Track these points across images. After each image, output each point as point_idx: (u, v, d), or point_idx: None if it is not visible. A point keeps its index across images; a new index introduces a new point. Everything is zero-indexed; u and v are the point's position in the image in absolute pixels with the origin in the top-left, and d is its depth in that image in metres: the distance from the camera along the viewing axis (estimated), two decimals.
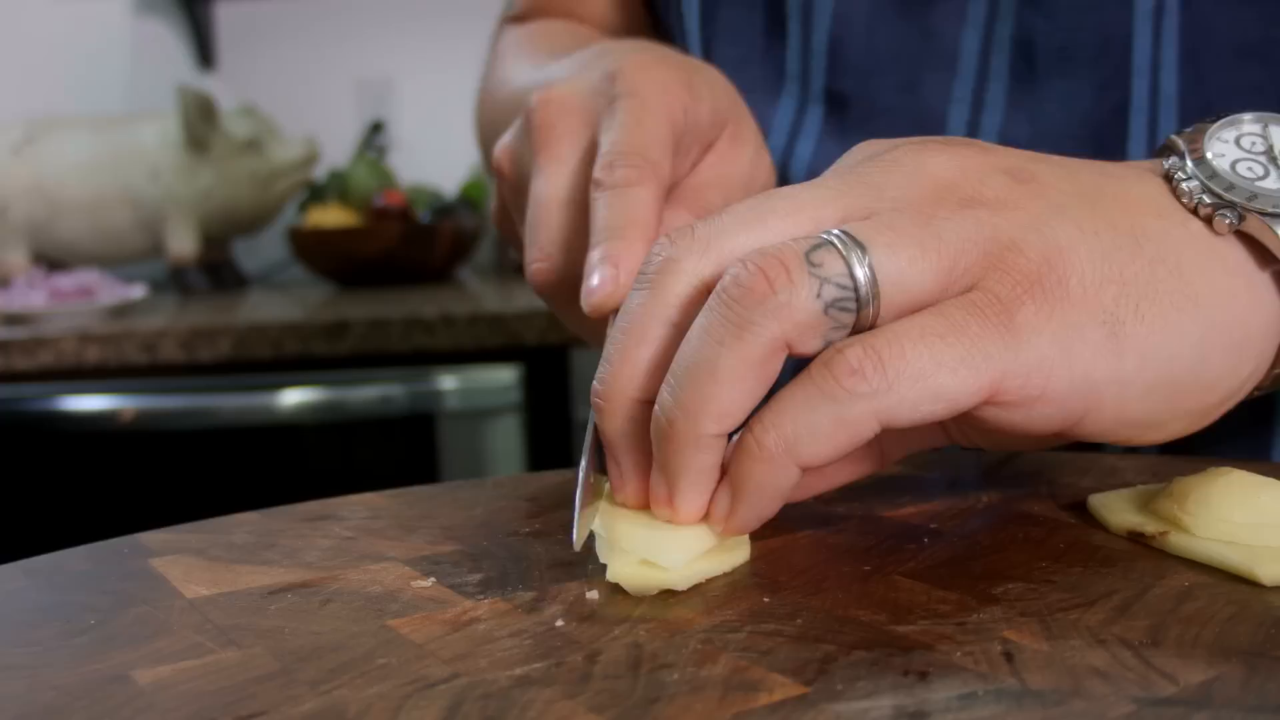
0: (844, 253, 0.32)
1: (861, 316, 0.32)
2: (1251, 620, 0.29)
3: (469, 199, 1.92)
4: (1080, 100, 0.52)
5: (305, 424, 1.48)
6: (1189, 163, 0.36)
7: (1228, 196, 0.35)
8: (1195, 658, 0.27)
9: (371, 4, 2.09)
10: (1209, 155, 0.36)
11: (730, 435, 0.34)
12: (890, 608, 0.30)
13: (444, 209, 1.87)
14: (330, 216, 1.85)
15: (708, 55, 0.62)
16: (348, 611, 0.32)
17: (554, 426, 1.52)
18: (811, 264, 0.31)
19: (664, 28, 0.68)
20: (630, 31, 0.72)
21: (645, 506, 0.35)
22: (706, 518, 0.34)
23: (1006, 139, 0.54)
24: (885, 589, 0.32)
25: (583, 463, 0.36)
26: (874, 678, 0.26)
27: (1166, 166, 0.37)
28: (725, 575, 0.34)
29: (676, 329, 0.34)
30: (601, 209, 0.41)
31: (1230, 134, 0.37)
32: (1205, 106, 0.51)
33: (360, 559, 0.36)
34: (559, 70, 0.53)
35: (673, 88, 0.45)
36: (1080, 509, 0.38)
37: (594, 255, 0.40)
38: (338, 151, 2.02)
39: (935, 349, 0.31)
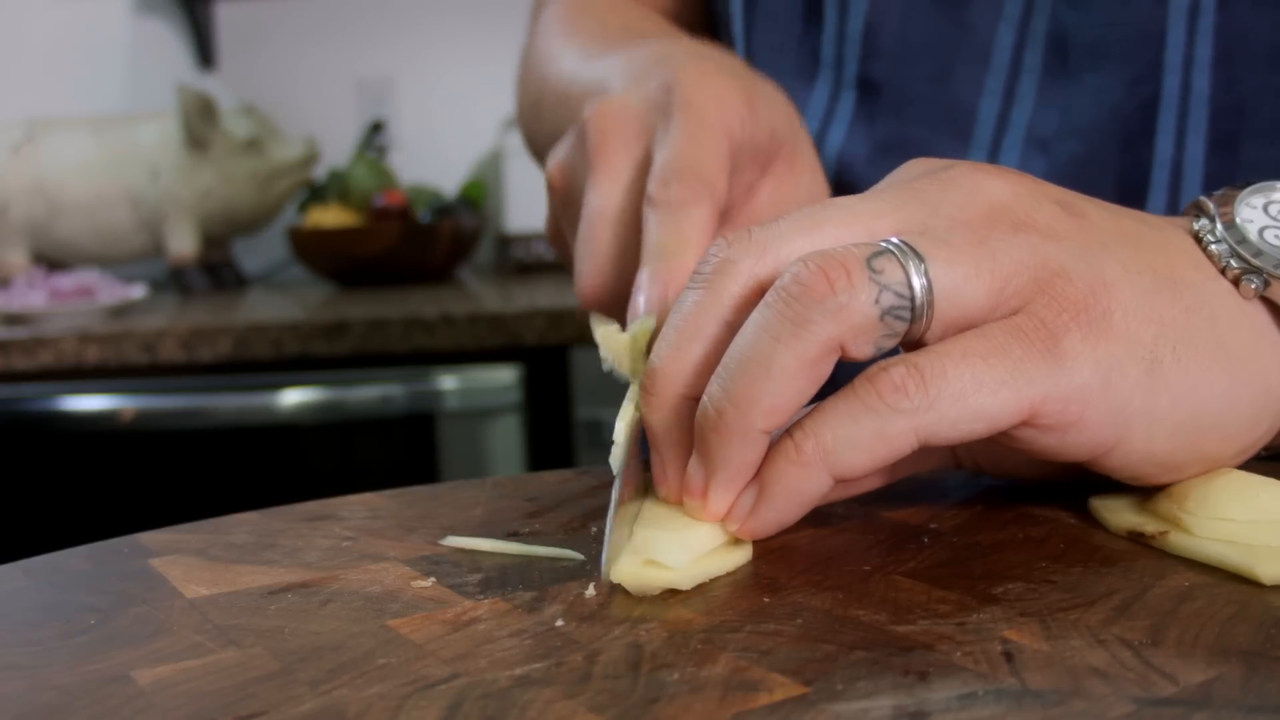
0: (903, 262, 0.32)
1: (914, 327, 0.32)
2: (1251, 620, 0.29)
3: (469, 199, 1.92)
4: (1110, 94, 0.53)
5: (305, 424, 1.48)
6: (1219, 226, 0.37)
7: (1255, 262, 0.36)
8: (1195, 658, 0.27)
9: (371, 4, 2.09)
10: (1238, 220, 0.37)
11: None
12: (890, 608, 0.30)
13: (444, 209, 1.87)
14: (330, 216, 1.85)
15: (749, 40, 0.62)
16: (348, 611, 0.32)
17: (554, 426, 1.52)
18: (872, 270, 0.32)
19: (710, 8, 0.68)
20: (680, 11, 0.71)
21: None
22: (726, 516, 0.34)
23: (1034, 131, 0.55)
24: (885, 589, 0.32)
25: (614, 493, 0.34)
26: (874, 678, 0.26)
27: (1196, 228, 0.37)
28: (726, 575, 0.34)
29: (730, 329, 0.34)
30: (653, 227, 0.41)
31: (1259, 200, 0.37)
32: (1237, 106, 0.51)
33: (360, 559, 0.36)
34: (612, 71, 0.53)
35: (731, 101, 0.44)
36: (1080, 509, 0.38)
37: (643, 275, 0.40)
38: (338, 151, 2.02)
39: (977, 370, 0.32)
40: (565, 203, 0.48)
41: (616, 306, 0.42)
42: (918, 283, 0.32)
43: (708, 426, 0.33)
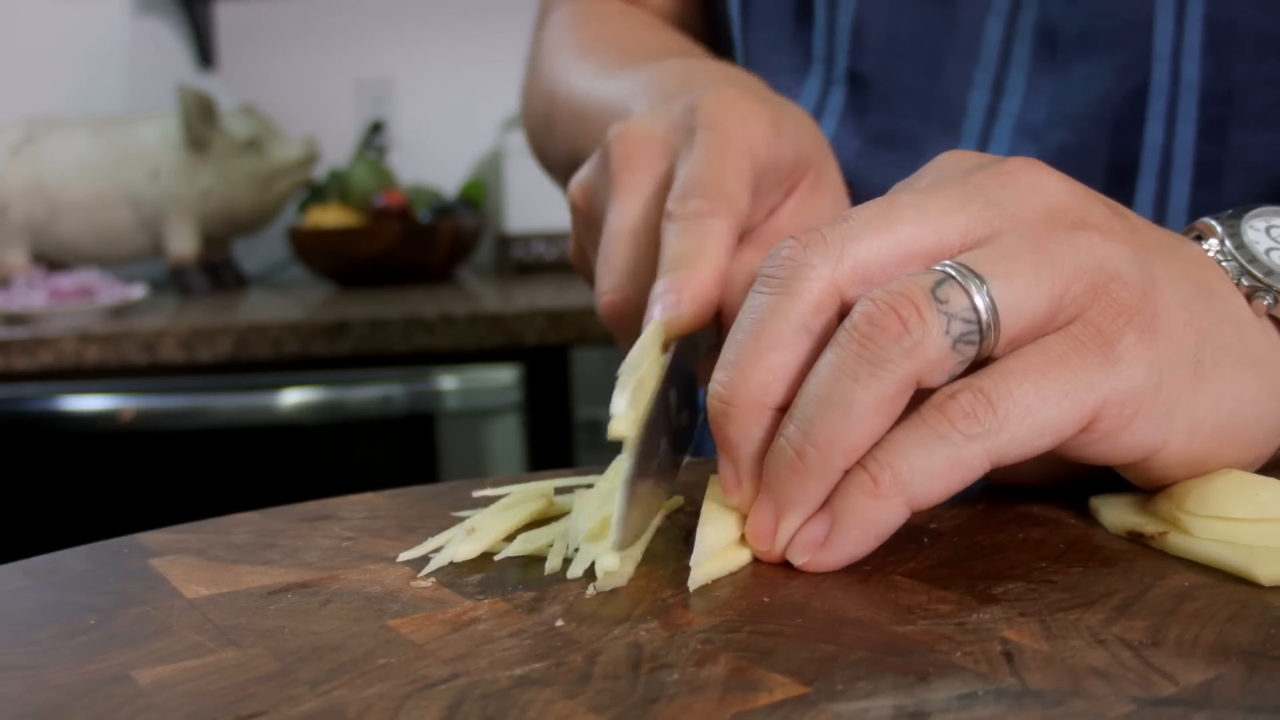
0: (965, 286, 0.32)
1: (983, 347, 0.33)
2: (1251, 620, 0.29)
3: (469, 199, 1.92)
4: (1100, 82, 0.53)
5: (305, 424, 1.48)
6: (1228, 245, 0.38)
7: (1267, 281, 0.37)
8: (1195, 658, 0.27)
9: (371, 4, 2.09)
10: (1246, 240, 0.38)
11: None
12: (890, 608, 0.30)
13: (444, 209, 1.87)
14: (330, 216, 1.85)
15: (746, 38, 0.63)
16: (348, 611, 0.32)
17: (554, 426, 1.52)
18: (938, 300, 0.32)
19: (711, 11, 0.69)
20: (683, 13, 0.72)
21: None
22: (791, 546, 0.33)
23: (1024, 120, 0.55)
24: (885, 589, 0.32)
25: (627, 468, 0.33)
26: (874, 678, 0.26)
27: (1205, 248, 0.38)
28: (726, 575, 0.34)
29: (809, 334, 0.34)
30: (671, 240, 0.41)
31: (1261, 224, 0.38)
32: (1226, 93, 0.52)
33: (360, 559, 0.36)
34: (633, 90, 0.53)
35: (756, 123, 0.44)
36: (1080, 509, 0.38)
37: (659, 285, 0.40)
38: (338, 151, 2.02)
39: (1040, 384, 0.32)
40: (588, 223, 0.48)
41: (635, 320, 0.42)
42: (982, 304, 0.32)
43: (787, 468, 0.33)
